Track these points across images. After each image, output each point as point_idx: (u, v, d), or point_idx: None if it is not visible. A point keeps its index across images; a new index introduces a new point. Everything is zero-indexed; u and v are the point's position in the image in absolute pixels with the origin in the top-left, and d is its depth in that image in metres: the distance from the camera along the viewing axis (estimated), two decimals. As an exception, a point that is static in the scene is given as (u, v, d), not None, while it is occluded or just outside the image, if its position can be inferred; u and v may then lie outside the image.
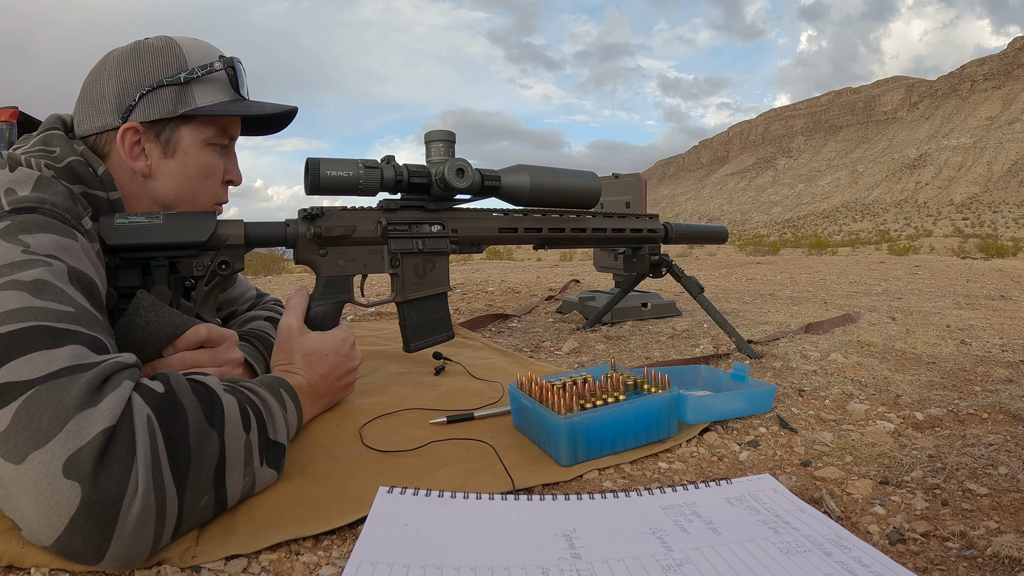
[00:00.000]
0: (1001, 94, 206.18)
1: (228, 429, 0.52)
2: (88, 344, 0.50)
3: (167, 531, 0.46)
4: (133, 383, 0.48)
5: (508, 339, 1.47)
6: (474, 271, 4.13)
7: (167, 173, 0.76)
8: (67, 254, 0.57)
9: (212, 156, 0.80)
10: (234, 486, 0.53)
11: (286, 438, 0.62)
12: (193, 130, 0.77)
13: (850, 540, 0.50)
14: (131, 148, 0.74)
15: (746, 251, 16.30)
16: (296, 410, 0.69)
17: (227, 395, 0.55)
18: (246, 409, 0.56)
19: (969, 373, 1.08)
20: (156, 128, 0.74)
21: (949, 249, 26.63)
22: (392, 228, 0.95)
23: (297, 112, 0.88)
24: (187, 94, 0.75)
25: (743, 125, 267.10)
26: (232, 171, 0.85)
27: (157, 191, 0.77)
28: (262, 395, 0.62)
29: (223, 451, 0.51)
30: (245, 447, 0.54)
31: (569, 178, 1.07)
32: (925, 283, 2.78)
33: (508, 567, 0.47)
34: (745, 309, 1.91)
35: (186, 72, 0.74)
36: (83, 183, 0.70)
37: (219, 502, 0.52)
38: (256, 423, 0.57)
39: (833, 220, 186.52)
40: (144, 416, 0.46)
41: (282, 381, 0.69)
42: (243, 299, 1.08)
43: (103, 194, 0.72)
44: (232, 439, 0.53)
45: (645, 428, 0.72)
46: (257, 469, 0.56)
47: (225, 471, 0.52)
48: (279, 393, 0.66)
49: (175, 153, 0.76)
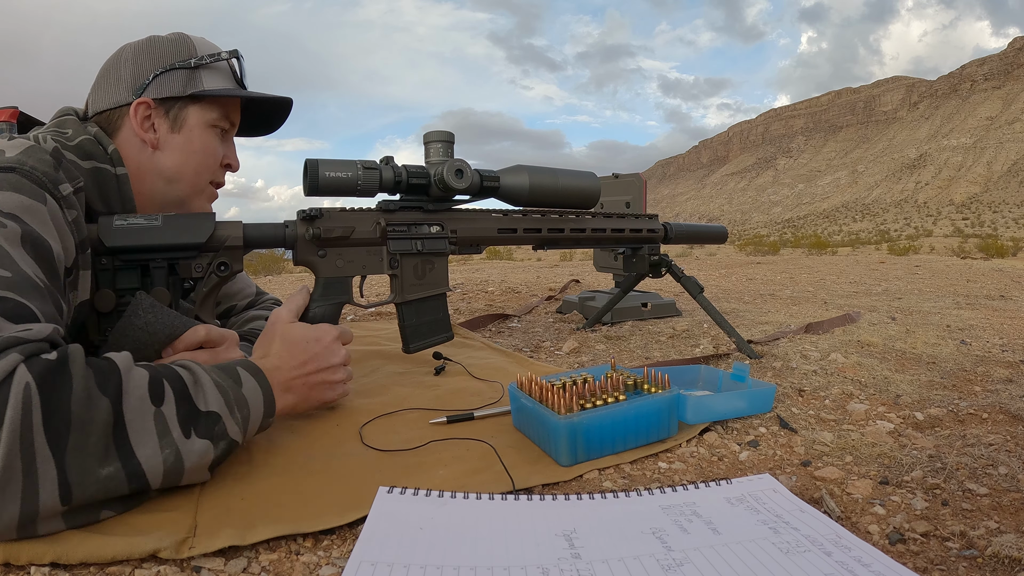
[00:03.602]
0: (1001, 94, 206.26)
1: (129, 401, 0.52)
2: (8, 313, 0.51)
3: (46, 493, 0.47)
4: (23, 356, 0.48)
5: (508, 339, 1.47)
6: (474, 271, 4.13)
7: (173, 147, 0.82)
8: (30, 215, 0.59)
9: (214, 138, 0.86)
10: (151, 459, 0.52)
11: (223, 407, 0.59)
12: (199, 110, 0.83)
13: (850, 540, 0.50)
14: (142, 121, 0.80)
15: (746, 251, 16.31)
16: (260, 386, 0.65)
17: (137, 369, 0.55)
18: (160, 382, 0.55)
19: (969, 373, 1.07)
20: (166, 105, 0.81)
21: (949, 249, 26.64)
22: (391, 229, 0.95)
23: (292, 107, 0.94)
24: (195, 77, 0.82)
25: (743, 125, 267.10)
26: (231, 156, 0.90)
27: (162, 164, 0.82)
28: (192, 368, 0.60)
29: (119, 420, 0.51)
30: (155, 418, 0.53)
31: (568, 178, 1.07)
32: (925, 283, 2.78)
33: (508, 567, 0.47)
34: (745, 309, 1.91)
35: (196, 58, 0.82)
36: (94, 159, 0.75)
37: (134, 474, 0.52)
38: (174, 395, 0.56)
39: (833, 220, 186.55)
40: (23, 385, 0.46)
41: (242, 360, 0.67)
42: (242, 295, 1.08)
43: (111, 168, 0.76)
44: (134, 410, 0.52)
45: (645, 428, 0.72)
46: (179, 440, 0.55)
47: (131, 442, 0.51)
48: (233, 370, 0.64)
49: (181, 129, 0.82)
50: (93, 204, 0.74)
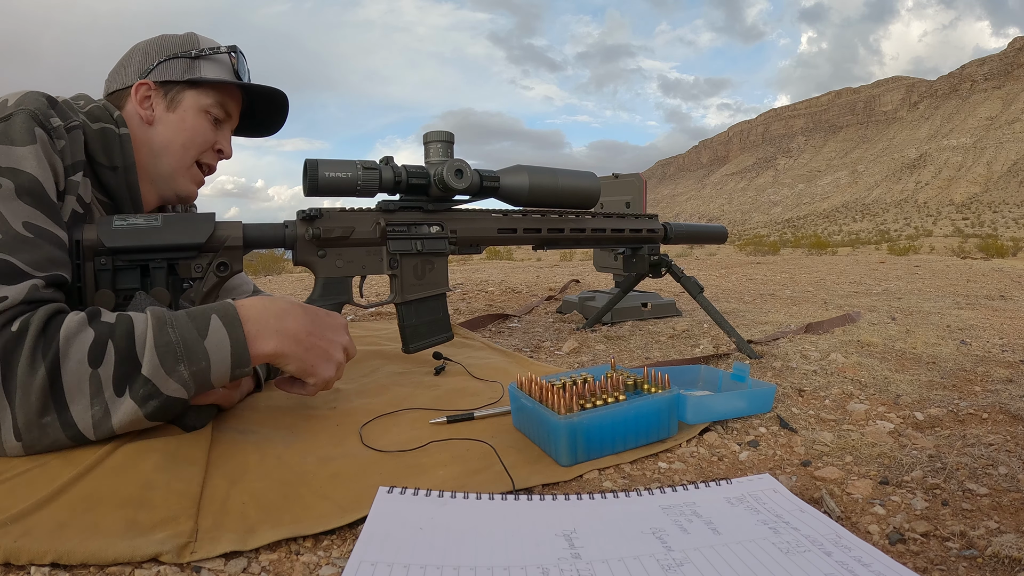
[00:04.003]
0: (1001, 94, 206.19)
1: (68, 365, 0.60)
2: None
3: (5, 429, 0.60)
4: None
5: (508, 339, 1.47)
6: (474, 271, 4.13)
7: (165, 123, 0.90)
8: (24, 161, 0.67)
9: (206, 122, 0.92)
10: (81, 413, 0.61)
11: (158, 370, 0.63)
12: (195, 95, 0.90)
13: (850, 540, 0.50)
14: (142, 100, 0.88)
15: (746, 251, 16.30)
16: (229, 336, 0.66)
17: (86, 332, 0.62)
18: (103, 344, 0.62)
19: (969, 373, 1.07)
20: (166, 88, 0.89)
21: (949, 249, 26.63)
22: (391, 229, 0.95)
23: (289, 107, 1.00)
24: (194, 66, 0.90)
25: (743, 125, 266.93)
26: (223, 143, 0.96)
27: (154, 137, 0.89)
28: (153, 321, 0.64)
29: (56, 382, 0.60)
30: (90, 380, 0.61)
31: (568, 178, 1.07)
32: (925, 283, 2.78)
33: (508, 567, 0.47)
34: (745, 309, 1.91)
35: (197, 50, 0.90)
36: (101, 121, 0.83)
37: (67, 423, 0.61)
38: (115, 356, 0.62)
39: (833, 220, 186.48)
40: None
41: (223, 304, 0.69)
42: (240, 291, 1.09)
43: (115, 128, 0.84)
44: (71, 373, 0.60)
45: (645, 428, 0.72)
46: (110, 399, 0.62)
47: (66, 399, 0.61)
48: (205, 319, 0.66)
49: (176, 109, 0.90)
50: (98, 157, 0.82)
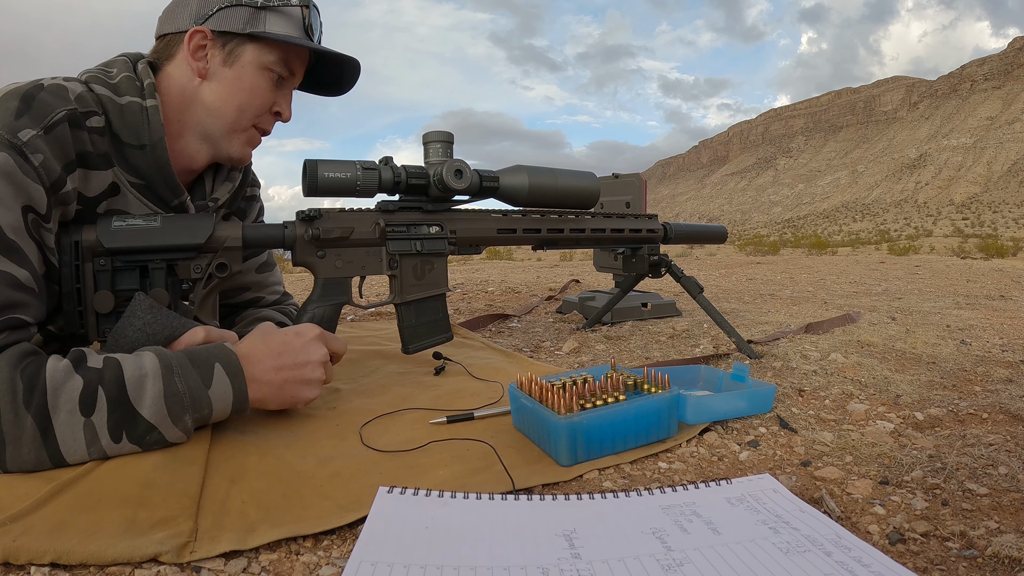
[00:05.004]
0: (1001, 94, 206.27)
1: (59, 416, 0.59)
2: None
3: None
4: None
5: (508, 339, 1.47)
6: (474, 271, 4.13)
7: (221, 79, 0.82)
8: None
9: (266, 81, 0.84)
10: (79, 459, 0.60)
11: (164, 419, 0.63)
12: (256, 50, 0.82)
13: (850, 540, 0.50)
14: (195, 50, 0.80)
15: (746, 251, 16.31)
16: (232, 385, 0.69)
17: (74, 379, 0.60)
18: (93, 391, 0.60)
19: (969, 373, 1.07)
20: (224, 39, 0.81)
21: (949, 249, 26.63)
22: (390, 229, 0.95)
23: (360, 70, 0.93)
24: (259, 18, 0.81)
25: (743, 125, 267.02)
26: (282, 105, 0.88)
27: (207, 96, 0.82)
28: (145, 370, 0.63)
29: (49, 432, 0.58)
30: (85, 428, 0.60)
31: (567, 178, 1.07)
32: (925, 283, 2.78)
33: (508, 567, 0.47)
34: (745, 309, 1.91)
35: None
36: (129, 95, 0.76)
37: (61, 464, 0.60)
38: (107, 403, 0.60)
39: (833, 220, 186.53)
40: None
41: (225, 351, 0.70)
42: (272, 290, 1.10)
43: (141, 101, 0.76)
44: (64, 424, 0.59)
45: (645, 428, 0.72)
46: (108, 446, 0.61)
47: (61, 450, 0.59)
48: (209, 366, 0.67)
49: (234, 64, 0.82)
50: (123, 136, 0.76)
